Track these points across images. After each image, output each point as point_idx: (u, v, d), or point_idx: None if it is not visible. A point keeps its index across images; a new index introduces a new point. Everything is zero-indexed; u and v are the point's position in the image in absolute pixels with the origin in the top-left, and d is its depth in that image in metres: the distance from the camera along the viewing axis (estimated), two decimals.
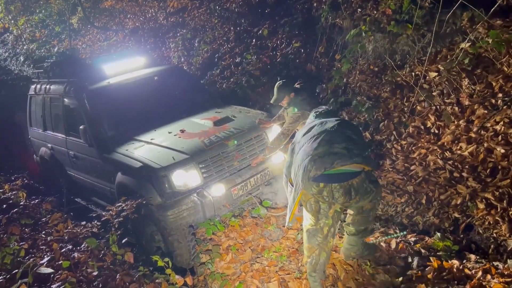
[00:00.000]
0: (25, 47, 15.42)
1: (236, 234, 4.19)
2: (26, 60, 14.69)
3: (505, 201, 3.46)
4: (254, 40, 8.43)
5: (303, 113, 4.10)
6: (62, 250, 3.35)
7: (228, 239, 4.11)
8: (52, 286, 2.88)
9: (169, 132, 4.51)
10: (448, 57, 4.79)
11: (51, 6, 14.84)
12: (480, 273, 2.92)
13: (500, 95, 4.18)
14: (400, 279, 3.13)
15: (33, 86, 6.40)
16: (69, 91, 5.23)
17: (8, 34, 17.26)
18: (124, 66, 5.49)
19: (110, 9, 13.80)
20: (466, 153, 4.06)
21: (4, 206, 4.23)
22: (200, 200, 3.92)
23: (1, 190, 4.63)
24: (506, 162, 3.72)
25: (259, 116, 4.83)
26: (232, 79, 7.91)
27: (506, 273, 2.93)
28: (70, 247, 3.47)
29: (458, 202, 3.79)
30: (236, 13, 9.43)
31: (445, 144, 4.34)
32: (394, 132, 4.84)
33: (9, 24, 16.13)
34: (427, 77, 4.90)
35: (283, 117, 4.52)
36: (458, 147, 4.19)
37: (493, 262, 3.17)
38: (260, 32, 8.31)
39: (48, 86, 5.83)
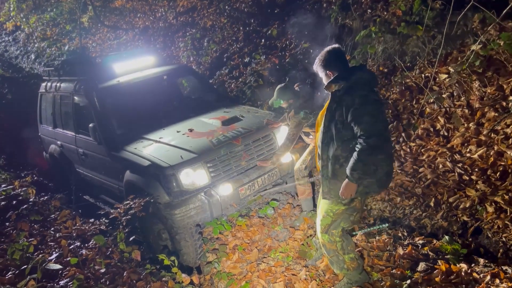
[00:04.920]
0: (36, 45, 15.58)
1: (243, 233, 4.19)
2: (37, 58, 14.83)
3: None
4: (263, 40, 8.44)
5: (305, 115, 4.07)
6: (70, 247, 3.38)
7: (234, 239, 4.12)
8: (60, 282, 2.91)
9: (178, 131, 4.53)
10: (459, 59, 4.74)
11: (62, 4, 15.00)
12: (488, 277, 2.90)
13: (511, 97, 4.13)
14: (408, 282, 3.11)
15: (43, 84, 6.47)
16: (79, 89, 5.28)
17: (19, 32, 17.44)
18: (134, 65, 5.52)
19: (120, 8, 13.90)
20: (475, 156, 4.03)
21: (14, 202, 4.27)
22: (207, 199, 3.93)
23: (11, 187, 4.68)
24: None
25: (267, 116, 4.83)
26: (240, 79, 7.92)
27: None
28: (78, 244, 3.50)
29: (467, 205, 3.75)
30: (245, 13, 9.43)
31: (455, 146, 4.30)
32: (403, 134, 4.81)
33: (21, 22, 16.29)
34: (437, 79, 4.86)
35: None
36: (468, 150, 4.15)
37: (502, 266, 3.13)
38: (269, 32, 8.31)
39: (58, 84, 5.89)
